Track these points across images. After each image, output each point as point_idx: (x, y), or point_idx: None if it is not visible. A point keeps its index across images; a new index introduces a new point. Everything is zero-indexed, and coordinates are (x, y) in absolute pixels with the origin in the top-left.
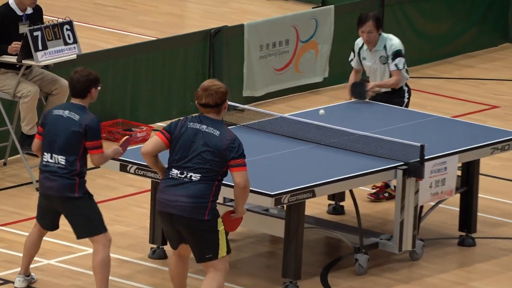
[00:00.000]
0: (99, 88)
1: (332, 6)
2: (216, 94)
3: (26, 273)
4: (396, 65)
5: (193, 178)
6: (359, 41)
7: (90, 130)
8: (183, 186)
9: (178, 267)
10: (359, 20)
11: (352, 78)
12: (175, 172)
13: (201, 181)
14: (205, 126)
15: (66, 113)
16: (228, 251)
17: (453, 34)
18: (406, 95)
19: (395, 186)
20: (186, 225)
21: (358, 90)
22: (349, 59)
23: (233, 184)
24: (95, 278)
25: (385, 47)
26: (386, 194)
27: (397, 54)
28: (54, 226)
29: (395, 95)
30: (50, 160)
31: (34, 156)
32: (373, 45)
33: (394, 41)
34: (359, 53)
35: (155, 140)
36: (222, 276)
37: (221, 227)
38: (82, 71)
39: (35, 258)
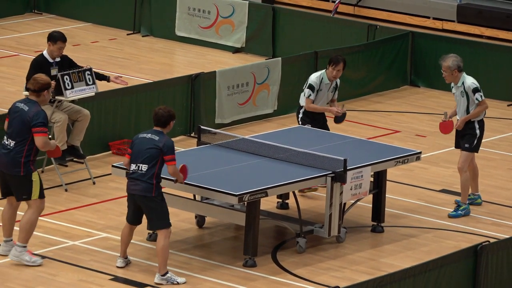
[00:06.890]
0: (174, 121)
1: (280, 58)
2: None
3: (124, 255)
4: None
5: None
6: None
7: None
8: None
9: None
10: (335, 60)
11: None
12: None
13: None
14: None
15: (149, 135)
16: None
17: (367, 79)
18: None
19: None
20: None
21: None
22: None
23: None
24: (158, 260)
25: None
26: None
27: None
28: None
29: None
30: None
31: (63, 166)
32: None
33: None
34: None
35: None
36: None
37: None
38: (165, 109)
39: (63, 239)
